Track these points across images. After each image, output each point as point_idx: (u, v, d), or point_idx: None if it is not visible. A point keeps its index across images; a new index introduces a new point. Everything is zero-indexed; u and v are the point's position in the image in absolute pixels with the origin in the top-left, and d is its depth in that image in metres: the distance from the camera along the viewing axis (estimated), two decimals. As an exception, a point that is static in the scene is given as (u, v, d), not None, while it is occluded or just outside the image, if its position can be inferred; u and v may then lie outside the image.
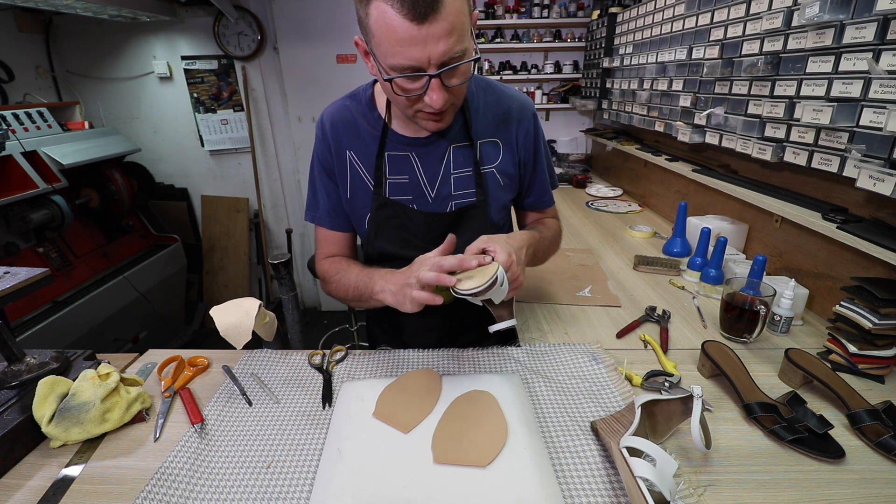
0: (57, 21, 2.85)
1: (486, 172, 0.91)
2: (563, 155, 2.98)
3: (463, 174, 0.90)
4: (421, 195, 0.90)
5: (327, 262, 0.97)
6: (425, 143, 0.88)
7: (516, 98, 0.92)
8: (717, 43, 1.37)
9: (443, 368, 0.88)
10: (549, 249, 0.99)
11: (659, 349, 0.94)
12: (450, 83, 0.71)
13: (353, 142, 0.90)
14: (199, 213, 3.35)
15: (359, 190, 0.91)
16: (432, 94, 0.70)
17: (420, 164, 0.89)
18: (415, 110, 0.76)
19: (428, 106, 0.72)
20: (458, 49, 0.67)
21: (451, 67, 0.68)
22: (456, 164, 0.89)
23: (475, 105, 0.89)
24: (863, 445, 0.69)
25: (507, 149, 0.92)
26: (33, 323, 1.97)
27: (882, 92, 0.85)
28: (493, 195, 0.92)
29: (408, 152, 0.89)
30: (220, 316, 0.86)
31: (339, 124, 0.90)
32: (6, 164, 1.98)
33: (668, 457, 0.58)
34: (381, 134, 0.88)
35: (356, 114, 0.90)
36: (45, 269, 0.92)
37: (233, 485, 0.64)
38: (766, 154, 1.17)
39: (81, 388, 0.72)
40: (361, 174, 0.90)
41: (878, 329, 0.81)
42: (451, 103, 0.75)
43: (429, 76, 0.68)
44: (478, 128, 0.89)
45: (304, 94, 3.06)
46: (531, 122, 0.93)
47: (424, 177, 0.89)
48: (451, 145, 0.89)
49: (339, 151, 0.90)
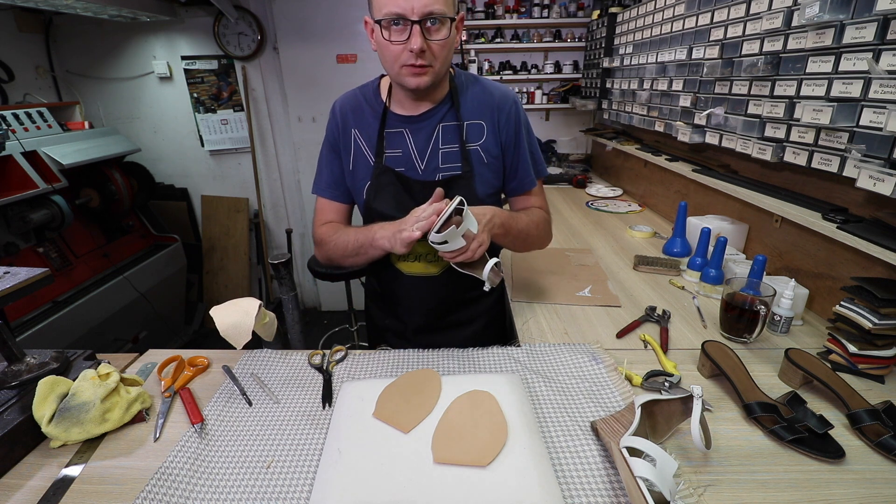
0: (57, 21, 2.85)
1: (471, 149, 1.00)
2: (563, 155, 2.98)
3: (450, 150, 1.00)
4: (412, 167, 1.01)
5: (325, 227, 1.07)
6: (417, 121, 1.00)
7: (500, 89, 1.04)
8: (717, 43, 1.37)
9: (443, 368, 0.88)
10: (529, 232, 1.03)
11: (659, 349, 0.94)
12: (429, 36, 0.85)
13: (358, 122, 1.03)
14: (199, 213, 3.35)
15: (360, 163, 1.03)
16: (413, 38, 0.83)
17: (412, 139, 1.00)
18: (400, 64, 0.87)
19: (410, 56, 0.85)
20: (439, 9, 0.82)
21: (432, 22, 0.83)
22: (444, 141, 1.00)
23: (463, 93, 1.01)
24: (863, 445, 0.69)
25: (490, 130, 1.01)
26: (33, 323, 1.96)
27: (882, 92, 0.85)
28: (478, 170, 1.01)
29: (402, 129, 1.00)
30: (220, 316, 0.86)
31: (348, 107, 1.04)
32: (6, 164, 1.98)
33: (668, 457, 0.58)
34: (382, 115, 1.01)
35: (363, 100, 1.04)
36: (45, 269, 0.92)
37: (233, 485, 0.64)
38: (766, 154, 1.17)
39: (81, 388, 0.72)
40: (363, 149, 1.03)
41: (878, 329, 0.81)
42: (430, 61, 0.87)
43: (411, 22, 0.82)
44: (465, 110, 1.00)
45: (304, 94, 3.05)
46: (513, 108, 1.02)
47: (416, 150, 1.00)
48: (441, 124, 1.00)
49: (346, 130, 1.03)
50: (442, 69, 0.91)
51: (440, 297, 1.10)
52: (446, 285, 1.07)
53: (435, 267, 1.05)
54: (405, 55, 0.86)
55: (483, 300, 1.17)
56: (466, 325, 1.16)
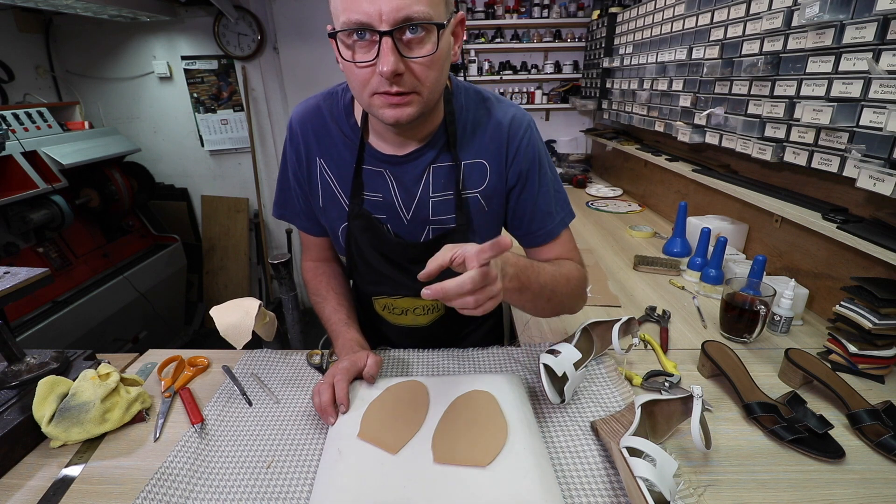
0: (57, 21, 2.85)
1: (468, 197, 0.79)
2: (563, 155, 2.98)
3: (443, 198, 0.79)
4: (395, 216, 0.81)
5: (310, 272, 0.98)
6: (402, 162, 0.77)
7: (510, 112, 0.79)
8: (717, 43, 1.37)
9: (443, 369, 0.88)
10: (556, 288, 0.74)
11: (659, 349, 0.93)
12: (408, 52, 0.60)
13: (325, 151, 0.81)
14: (199, 213, 3.35)
15: (330, 201, 0.84)
16: (383, 56, 0.58)
17: (395, 184, 0.79)
18: (370, 91, 0.64)
19: (382, 83, 0.61)
20: (419, 10, 0.57)
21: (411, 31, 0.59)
22: (435, 187, 0.79)
23: (463, 121, 0.78)
24: (863, 445, 0.69)
25: (495, 170, 0.79)
26: (33, 323, 1.97)
27: (882, 92, 0.85)
28: (476, 222, 0.81)
29: (382, 169, 0.79)
30: (220, 316, 0.86)
31: (309, 128, 0.81)
32: (6, 164, 1.98)
33: (668, 457, 0.58)
34: (360, 147, 0.78)
35: (329, 118, 0.80)
36: (45, 269, 0.93)
37: (233, 485, 0.64)
38: (766, 154, 1.17)
39: (81, 388, 0.72)
40: (332, 186, 0.82)
41: (878, 329, 0.81)
42: (413, 86, 0.63)
43: (379, 34, 0.58)
44: (463, 147, 0.78)
45: (304, 94, 3.01)
46: (527, 134, 0.79)
47: (399, 198, 0.80)
48: (432, 165, 0.78)
49: (309, 158, 0.82)
50: (432, 95, 0.66)
51: (432, 340, 1.01)
52: (439, 330, 0.99)
53: (424, 318, 0.96)
54: (375, 80, 0.62)
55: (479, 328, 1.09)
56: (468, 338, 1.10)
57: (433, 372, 0.87)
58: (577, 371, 0.76)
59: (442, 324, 0.98)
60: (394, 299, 0.94)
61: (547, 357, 0.76)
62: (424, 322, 0.97)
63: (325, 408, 0.71)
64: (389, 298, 0.94)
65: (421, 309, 0.94)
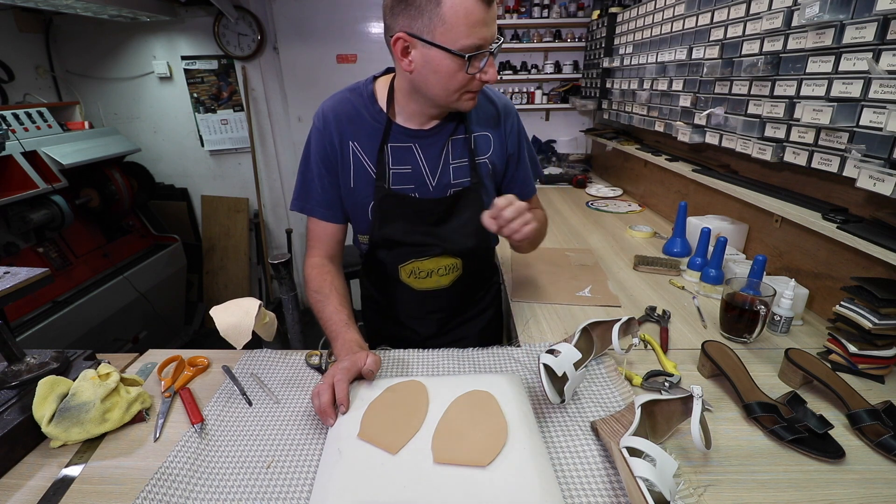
0: (57, 21, 2.85)
1: (479, 162, 0.98)
2: (563, 155, 2.98)
3: (460, 164, 0.97)
4: (423, 184, 0.96)
5: (315, 268, 0.99)
6: (427, 136, 0.94)
7: (500, 98, 1.03)
8: (717, 43, 1.37)
9: (443, 368, 0.88)
10: (541, 231, 1.07)
11: (659, 349, 0.93)
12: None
13: (357, 133, 0.94)
14: (199, 213, 3.35)
15: (361, 180, 0.95)
16: (489, 69, 0.81)
17: (423, 155, 0.95)
18: (462, 91, 0.84)
19: (477, 84, 0.83)
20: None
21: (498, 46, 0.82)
22: (454, 155, 0.97)
23: None
24: (863, 445, 0.69)
25: (497, 140, 1.00)
26: (33, 323, 1.97)
27: (882, 92, 0.85)
28: (485, 182, 1.00)
29: (411, 143, 0.94)
30: (220, 316, 0.86)
31: (343, 116, 0.94)
32: (6, 164, 1.98)
33: (668, 457, 0.58)
34: (386, 127, 0.93)
35: (359, 106, 0.94)
36: (45, 269, 0.93)
37: (233, 485, 0.64)
38: (766, 154, 1.17)
39: (81, 388, 0.72)
40: (364, 164, 0.95)
41: (878, 329, 0.81)
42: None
43: (490, 52, 0.80)
44: (472, 123, 0.98)
45: (304, 94, 3.06)
46: (515, 118, 1.03)
47: (427, 166, 0.95)
48: (451, 137, 0.96)
49: (343, 142, 0.94)
50: None
51: (453, 306, 1.12)
52: (457, 292, 1.09)
53: (446, 279, 1.05)
54: (474, 84, 0.83)
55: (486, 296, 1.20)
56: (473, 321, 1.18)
57: (433, 372, 0.88)
58: (577, 371, 0.76)
59: (461, 284, 1.07)
60: (420, 262, 1.02)
61: (547, 357, 0.76)
62: (446, 283, 1.06)
63: (325, 409, 0.71)
64: (416, 262, 1.02)
65: (444, 269, 1.04)
